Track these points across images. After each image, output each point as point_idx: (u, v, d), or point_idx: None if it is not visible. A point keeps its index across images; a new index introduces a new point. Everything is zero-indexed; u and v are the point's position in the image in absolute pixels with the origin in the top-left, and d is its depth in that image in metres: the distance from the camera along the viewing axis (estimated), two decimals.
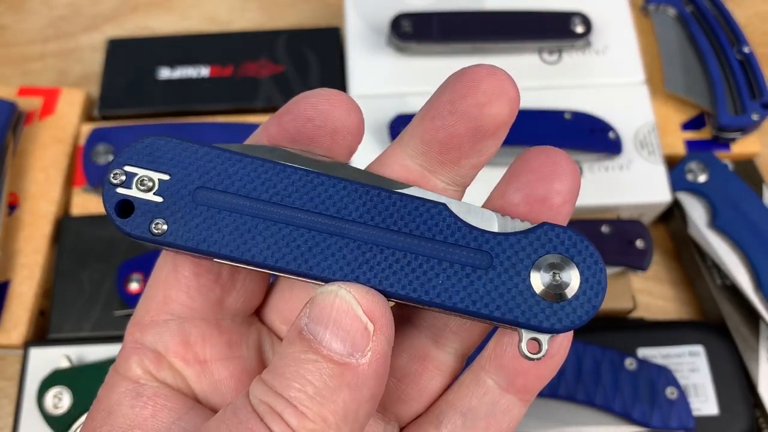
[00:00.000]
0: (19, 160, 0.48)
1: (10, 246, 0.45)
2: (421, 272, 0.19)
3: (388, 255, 0.19)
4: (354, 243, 0.19)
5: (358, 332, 0.18)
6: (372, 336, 0.18)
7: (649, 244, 0.45)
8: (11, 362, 0.45)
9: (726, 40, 0.51)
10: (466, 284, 0.19)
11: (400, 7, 0.50)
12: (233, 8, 0.58)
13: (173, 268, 0.22)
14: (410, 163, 0.21)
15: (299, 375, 0.18)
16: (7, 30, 0.57)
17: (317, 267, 0.19)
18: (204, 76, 0.51)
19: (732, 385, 0.42)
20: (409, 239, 0.19)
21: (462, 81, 0.20)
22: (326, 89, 0.21)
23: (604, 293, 0.19)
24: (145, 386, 0.21)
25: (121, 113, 0.50)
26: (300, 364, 0.18)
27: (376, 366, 0.18)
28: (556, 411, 0.41)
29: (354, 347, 0.18)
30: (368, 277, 0.19)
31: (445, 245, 0.19)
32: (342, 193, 0.20)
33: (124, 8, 0.58)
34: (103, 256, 0.45)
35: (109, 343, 0.42)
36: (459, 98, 0.20)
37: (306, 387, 0.18)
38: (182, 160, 0.20)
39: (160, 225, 0.20)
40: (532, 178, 0.20)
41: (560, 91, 0.49)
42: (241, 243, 0.19)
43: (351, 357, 0.18)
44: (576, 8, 0.50)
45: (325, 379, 0.18)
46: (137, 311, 0.23)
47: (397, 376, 0.22)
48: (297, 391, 0.18)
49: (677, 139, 0.50)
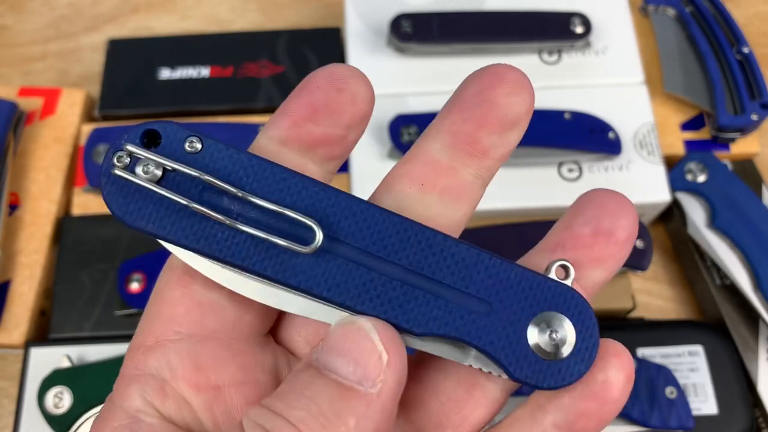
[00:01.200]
0: (19, 160, 0.48)
1: (10, 246, 0.45)
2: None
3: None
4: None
5: (372, 360, 0.18)
6: (385, 368, 0.18)
7: (649, 244, 0.45)
8: (12, 362, 0.45)
9: (725, 41, 0.51)
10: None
11: (400, 7, 0.50)
12: (234, 9, 0.58)
13: (182, 283, 0.21)
14: (439, 157, 0.21)
15: (303, 396, 0.17)
16: (8, 30, 0.57)
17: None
18: (204, 76, 0.51)
19: (731, 384, 0.42)
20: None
21: (487, 74, 0.21)
22: (337, 64, 0.21)
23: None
24: (142, 423, 0.20)
25: (121, 113, 0.51)
26: (306, 386, 0.17)
27: (385, 400, 0.18)
28: None
29: (366, 375, 0.18)
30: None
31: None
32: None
33: (124, 8, 0.58)
34: (104, 256, 0.45)
35: (110, 342, 0.42)
36: (486, 89, 0.21)
37: (311, 407, 0.17)
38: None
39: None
40: (598, 213, 0.21)
41: (560, 92, 0.49)
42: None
43: (360, 384, 0.17)
44: (576, 9, 0.50)
45: (331, 401, 0.17)
46: (138, 333, 0.21)
47: (442, 399, 0.22)
48: (300, 410, 0.17)
49: (676, 140, 0.50)
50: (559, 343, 0.19)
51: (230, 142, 0.20)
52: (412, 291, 0.19)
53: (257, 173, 0.19)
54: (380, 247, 0.19)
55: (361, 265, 0.19)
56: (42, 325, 0.45)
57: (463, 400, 0.21)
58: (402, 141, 0.45)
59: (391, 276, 0.19)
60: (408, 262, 0.19)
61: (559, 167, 0.47)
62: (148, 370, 0.20)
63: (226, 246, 0.19)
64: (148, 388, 0.20)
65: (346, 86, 0.21)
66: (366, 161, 0.47)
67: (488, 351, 0.19)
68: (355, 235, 0.19)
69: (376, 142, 0.47)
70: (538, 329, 0.19)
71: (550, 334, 0.19)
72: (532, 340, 0.19)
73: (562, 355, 0.19)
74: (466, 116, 0.21)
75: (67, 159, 0.48)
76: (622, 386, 0.20)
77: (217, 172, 0.19)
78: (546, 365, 0.19)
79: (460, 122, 0.21)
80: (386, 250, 0.19)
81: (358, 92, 0.21)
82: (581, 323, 0.19)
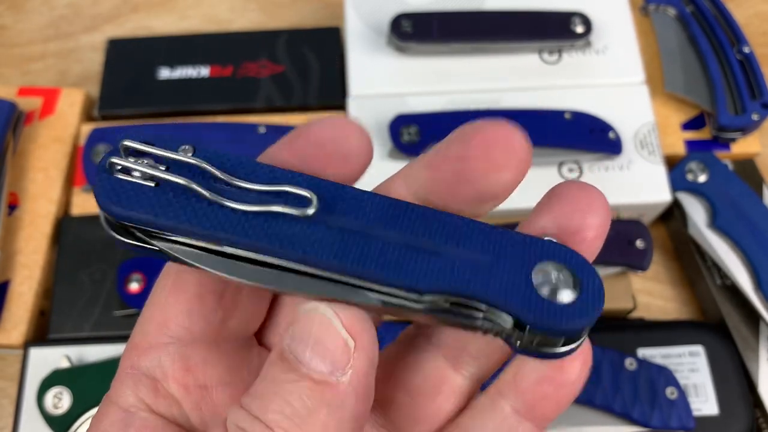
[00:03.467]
0: (19, 160, 0.48)
1: (10, 246, 0.45)
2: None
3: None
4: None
5: (338, 349, 0.18)
6: (353, 353, 0.18)
7: (649, 244, 0.45)
8: (11, 362, 0.45)
9: (726, 40, 0.51)
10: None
11: (400, 7, 0.50)
12: (233, 8, 0.58)
13: (174, 289, 0.21)
14: (413, 200, 0.21)
15: (277, 396, 0.17)
16: (8, 30, 0.57)
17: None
18: (204, 76, 0.51)
19: (732, 385, 0.42)
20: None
21: (472, 144, 0.20)
22: (336, 117, 0.21)
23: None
24: (135, 417, 0.20)
25: (121, 113, 0.50)
26: (279, 385, 0.18)
27: (356, 385, 0.18)
28: None
29: (334, 365, 0.18)
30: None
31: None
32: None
33: (124, 8, 0.58)
34: (104, 256, 0.45)
35: (110, 343, 0.42)
36: (466, 164, 0.20)
37: (284, 408, 0.17)
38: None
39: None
40: (567, 210, 0.20)
41: (560, 91, 0.49)
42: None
43: (331, 375, 0.17)
44: (576, 8, 0.50)
45: (304, 399, 0.17)
46: (134, 335, 0.22)
47: (412, 395, 0.22)
48: (275, 413, 0.17)
49: (677, 139, 0.50)
50: (564, 286, 0.19)
51: (229, 142, 0.20)
52: (413, 252, 0.19)
53: (248, 167, 0.20)
54: (375, 219, 0.19)
55: (358, 233, 0.19)
56: (41, 325, 0.45)
57: (432, 394, 0.22)
58: (402, 141, 0.45)
59: (390, 241, 0.19)
60: (405, 229, 0.19)
61: (559, 167, 0.47)
62: (141, 370, 0.21)
63: (221, 225, 0.19)
64: (141, 386, 0.21)
65: (338, 148, 0.20)
66: None
67: (497, 302, 0.19)
68: (349, 210, 0.19)
69: (376, 142, 0.47)
70: (542, 275, 0.19)
71: (555, 279, 0.19)
72: (538, 284, 0.19)
73: (569, 298, 0.19)
74: (441, 179, 0.20)
75: (67, 159, 0.48)
76: (578, 369, 0.20)
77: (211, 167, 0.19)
78: (559, 308, 0.19)
79: (434, 183, 0.20)
80: (382, 222, 0.19)
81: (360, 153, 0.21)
82: (581, 269, 0.19)
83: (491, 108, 0.48)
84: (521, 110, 0.47)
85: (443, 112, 0.47)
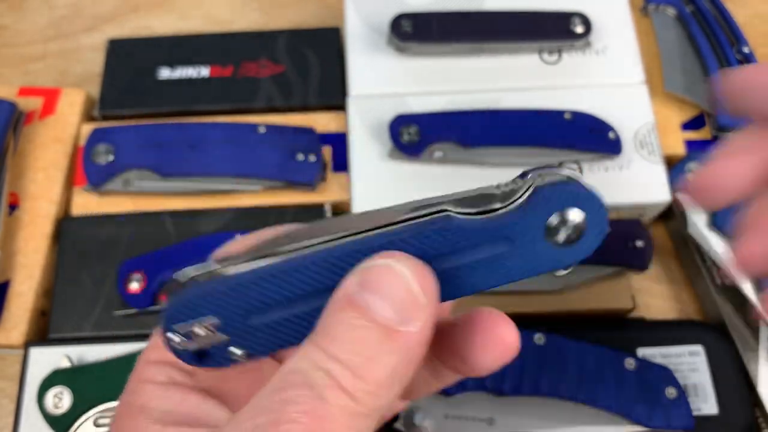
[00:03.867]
0: (19, 160, 0.48)
1: (10, 246, 0.45)
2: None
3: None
4: None
5: (412, 303, 0.19)
6: (422, 307, 0.20)
7: (649, 244, 0.45)
8: (11, 362, 0.45)
9: (726, 40, 0.51)
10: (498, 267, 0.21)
11: (400, 7, 0.50)
12: (234, 9, 0.58)
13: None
14: None
15: (354, 340, 0.19)
16: (8, 30, 0.57)
17: None
18: (204, 76, 0.51)
19: (732, 385, 0.42)
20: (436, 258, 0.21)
21: (475, 335, 0.23)
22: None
23: (607, 220, 0.21)
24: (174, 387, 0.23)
25: (121, 113, 0.51)
26: (354, 330, 0.19)
27: (423, 335, 0.20)
28: (556, 411, 0.41)
29: (405, 316, 0.19)
30: None
31: (469, 249, 0.21)
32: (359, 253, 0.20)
33: (124, 8, 0.58)
34: (104, 256, 0.45)
35: (110, 343, 0.42)
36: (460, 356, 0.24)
37: (362, 351, 0.19)
38: (218, 303, 0.21)
39: (236, 352, 0.21)
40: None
41: (560, 91, 0.49)
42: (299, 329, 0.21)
43: (401, 325, 0.19)
44: (576, 8, 0.50)
45: (378, 344, 0.19)
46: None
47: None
48: (354, 354, 0.19)
49: (677, 139, 0.50)
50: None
51: (229, 142, 0.21)
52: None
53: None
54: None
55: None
56: (42, 325, 0.45)
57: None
58: (402, 141, 0.45)
59: None
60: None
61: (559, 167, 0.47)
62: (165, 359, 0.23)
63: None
64: (174, 371, 0.23)
65: None
66: (366, 161, 0.46)
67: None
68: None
69: (376, 142, 0.47)
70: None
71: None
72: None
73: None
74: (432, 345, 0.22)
75: (67, 159, 0.48)
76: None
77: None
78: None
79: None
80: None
81: None
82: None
83: (491, 108, 0.48)
84: (521, 110, 0.47)
85: (443, 112, 0.47)
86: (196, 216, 0.46)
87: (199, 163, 0.46)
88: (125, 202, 0.47)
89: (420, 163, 0.46)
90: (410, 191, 0.45)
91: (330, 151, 0.48)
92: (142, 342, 0.41)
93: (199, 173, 0.46)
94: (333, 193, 0.47)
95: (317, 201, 0.47)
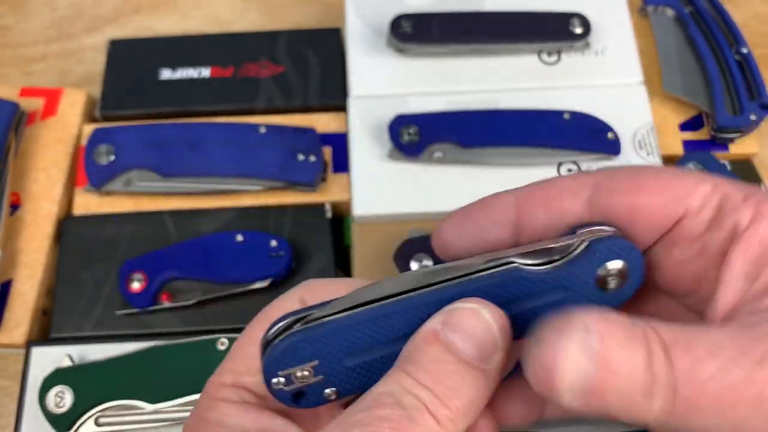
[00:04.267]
0: (21, 161, 0.48)
1: (12, 246, 0.45)
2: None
3: None
4: None
5: (491, 345, 0.22)
6: (499, 347, 0.22)
7: None
8: (13, 361, 0.45)
9: (724, 41, 0.51)
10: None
11: (400, 8, 0.50)
12: (234, 9, 0.58)
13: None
14: None
15: (439, 371, 0.22)
16: (10, 31, 0.57)
17: None
18: (205, 76, 0.52)
19: None
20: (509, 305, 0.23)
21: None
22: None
23: (644, 269, 0.24)
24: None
25: (122, 114, 0.51)
26: (439, 363, 0.22)
27: (499, 372, 0.23)
28: None
29: (485, 355, 0.22)
30: None
31: (533, 296, 0.24)
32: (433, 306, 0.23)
33: (125, 9, 0.58)
34: (105, 256, 0.45)
35: (111, 342, 0.42)
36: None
37: (447, 382, 0.21)
38: (319, 347, 0.23)
39: (331, 393, 0.24)
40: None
41: (559, 92, 0.49)
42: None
43: (482, 362, 0.22)
44: (575, 9, 0.50)
45: (461, 377, 0.22)
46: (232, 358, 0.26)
47: None
48: (439, 383, 0.21)
49: (675, 140, 0.50)
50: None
51: (230, 142, 0.21)
52: None
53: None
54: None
55: None
56: (43, 324, 0.45)
57: None
58: (402, 141, 0.46)
59: None
60: None
61: (558, 168, 0.47)
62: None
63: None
64: (246, 393, 0.25)
65: None
66: (366, 161, 0.47)
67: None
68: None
69: (376, 143, 0.47)
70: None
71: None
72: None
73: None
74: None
75: (68, 159, 0.48)
76: None
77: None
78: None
79: None
80: None
81: None
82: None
83: (491, 108, 0.48)
84: (520, 111, 0.48)
85: (443, 112, 0.47)
86: (197, 216, 0.46)
87: (200, 163, 0.46)
88: (126, 202, 0.47)
89: (420, 163, 0.46)
90: (410, 191, 0.46)
91: (330, 151, 0.49)
92: (143, 341, 0.41)
93: (199, 173, 0.46)
94: (333, 194, 0.48)
95: (317, 201, 0.47)
